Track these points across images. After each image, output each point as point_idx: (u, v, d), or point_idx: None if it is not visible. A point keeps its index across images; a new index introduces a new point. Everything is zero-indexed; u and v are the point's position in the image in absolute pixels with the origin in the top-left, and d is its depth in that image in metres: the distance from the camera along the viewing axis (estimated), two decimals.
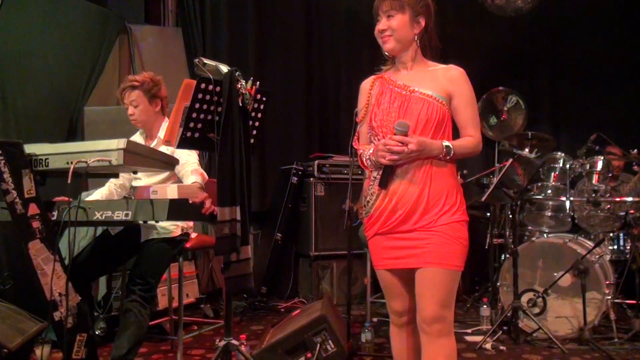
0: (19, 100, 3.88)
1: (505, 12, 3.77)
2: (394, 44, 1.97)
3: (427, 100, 1.93)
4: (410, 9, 1.95)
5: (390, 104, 1.97)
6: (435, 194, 1.91)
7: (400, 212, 1.92)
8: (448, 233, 1.89)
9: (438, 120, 1.92)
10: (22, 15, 3.89)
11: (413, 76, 2.00)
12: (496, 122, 4.88)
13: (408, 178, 1.92)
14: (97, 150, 2.14)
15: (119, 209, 2.24)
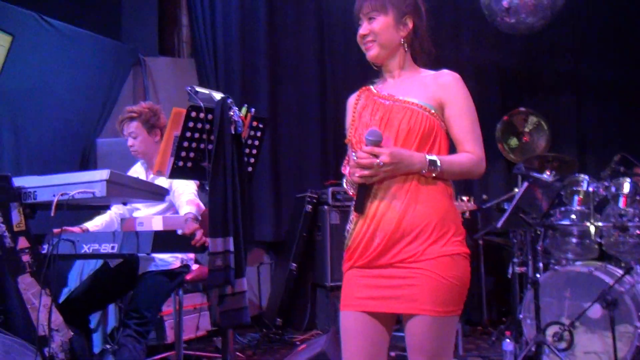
0: (31, 134, 3.95)
1: (518, 31, 3.65)
2: (378, 50, 1.70)
3: (410, 109, 1.64)
4: (394, 9, 1.69)
5: (371, 117, 1.69)
6: (421, 218, 1.58)
7: (379, 240, 1.59)
8: (436, 271, 1.55)
9: (423, 131, 1.62)
10: (35, 51, 3.97)
11: (400, 85, 1.73)
12: (517, 144, 4.72)
13: (387, 199, 1.60)
14: (81, 182, 2.11)
15: (105, 242, 2.20)
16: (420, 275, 1.57)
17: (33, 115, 3.95)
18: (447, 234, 1.60)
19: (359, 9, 1.72)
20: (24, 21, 3.93)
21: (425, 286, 1.56)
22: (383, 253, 1.60)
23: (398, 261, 1.59)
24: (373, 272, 1.62)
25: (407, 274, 1.58)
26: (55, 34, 4.14)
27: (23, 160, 3.87)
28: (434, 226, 1.59)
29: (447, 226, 1.61)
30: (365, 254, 1.63)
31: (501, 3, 3.47)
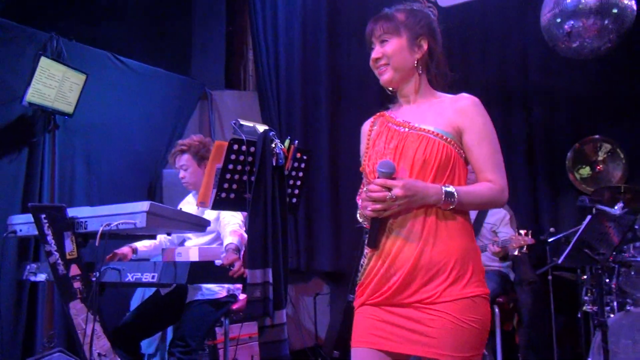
0: (102, 165, 4.19)
1: (582, 56, 3.46)
2: (392, 73, 1.63)
3: (425, 137, 1.56)
4: (407, 31, 1.62)
5: (385, 145, 1.61)
6: (439, 257, 1.50)
7: (395, 278, 1.52)
8: (456, 314, 1.47)
9: (440, 160, 1.54)
10: (107, 88, 4.24)
11: (416, 110, 1.65)
12: (589, 173, 4.43)
13: (404, 235, 1.52)
14: (124, 213, 2.20)
15: (147, 271, 2.27)
16: (438, 318, 1.49)
17: (104, 148, 4.20)
18: (467, 273, 1.52)
19: (371, 32, 1.66)
20: (98, 60, 4.22)
21: (444, 330, 1.48)
22: (399, 292, 1.53)
23: (415, 301, 1.52)
24: (388, 310, 1.55)
25: (424, 317, 1.50)
26: (127, 72, 4.41)
27: (94, 190, 4.11)
28: (453, 265, 1.51)
29: (467, 265, 1.53)
30: (380, 292, 1.56)
31: (563, 28, 3.31)
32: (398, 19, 1.65)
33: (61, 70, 3.70)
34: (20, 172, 3.68)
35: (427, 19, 1.67)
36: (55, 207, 2.41)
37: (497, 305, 3.59)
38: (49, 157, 3.84)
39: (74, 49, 4.02)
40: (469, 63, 4.95)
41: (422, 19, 1.66)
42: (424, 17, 1.67)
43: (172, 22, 5.21)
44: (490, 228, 3.70)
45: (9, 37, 3.68)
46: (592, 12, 3.20)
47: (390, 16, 1.66)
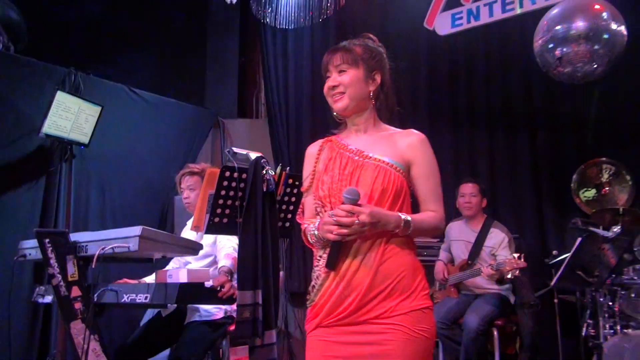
0: (116, 192, 4.38)
1: (576, 80, 3.50)
2: (347, 102, 1.72)
3: (382, 168, 1.66)
4: (364, 64, 1.73)
5: (340, 171, 1.69)
6: (392, 276, 1.60)
7: (350, 299, 1.59)
8: (408, 325, 1.57)
9: (395, 190, 1.64)
10: (122, 118, 4.45)
11: (367, 140, 1.75)
12: (594, 196, 4.41)
13: (359, 258, 1.61)
14: (120, 237, 2.33)
15: (141, 292, 2.39)
16: (393, 330, 1.58)
17: (118, 176, 4.40)
18: (417, 287, 1.63)
19: (329, 60, 1.76)
20: (114, 93, 4.44)
21: (398, 342, 1.57)
22: (355, 311, 1.61)
23: (371, 318, 1.60)
24: (346, 330, 1.62)
25: (379, 330, 1.59)
26: (141, 103, 4.62)
27: (107, 216, 4.29)
28: (405, 281, 1.62)
29: (416, 281, 1.64)
30: (335, 313, 1.63)
31: (554, 54, 3.37)
32: (356, 52, 1.76)
33: (77, 103, 3.92)
34: (38, 199, 3.89)
35: (380, 56, 1.80)
36: (58, 233, 2.57)
37: (496, 327, 3.60)
38: (65, 184, 4.04)
39: (91, 83, 4.25)
40: (473, 89, 5.02)
41: (376, 55, 1.79)
42: (378, 53, 1.80)
43: (187, 54, 5.44)
44: (490, 251, 3.73)
45: (30, 72, 3.93)
46: (582, 38, 3.25)
47: (349, 48, 1.77)
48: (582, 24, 3.25)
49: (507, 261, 3.36)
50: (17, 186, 3.80)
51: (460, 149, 5.01)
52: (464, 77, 5.04)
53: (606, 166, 4.35)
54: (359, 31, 5.32)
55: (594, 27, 3.26)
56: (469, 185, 3.92)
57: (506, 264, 3.35)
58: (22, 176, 3.84)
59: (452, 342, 3.64)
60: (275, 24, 5.00)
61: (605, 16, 3.27)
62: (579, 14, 3.29)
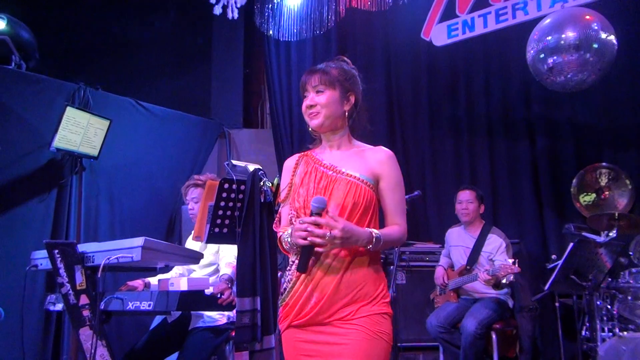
0: (125, 202, 4.52)
1: (570, 89, 3.57)
2: (323, 120, 1.85)
3: (353, 183, 1.79)
4: (340, 85, 1.86)
5: (315, 185, 1.82)
6: (357, 282, 1.74)
7: (315, 300, 1.74)
8: (369, 327, 1.70)
9: (365, 204, 1.77)
10: (130, 132, 4.60)
11: (340, 156, 1.88)
12: (593, 200, 4.46)
13: (326, 263, 1.75)
14: (123, 248, 2.45)
15: (144, 300, 2.50)
16: (355, 331, 1.71)
17: (126, 186, 4.54)
18: (379, 296, 1.77)
19: (307, 81, 1.88)
20: (122, 106, 4.59)
21: (359, 341, 1.70)
22: (320, 313, 1.75)
23: (335, 319, 1.74)
24: (311, 330, 1.76)
25: (342, 331, 1.72)
26: (148, 116, 4.77)
27: (117, 225, 4.43)
28: (367, 288, 1.75)
29: (379, 288, 1.78)
30: (302, 313, 1.78)
31: (547, 63, 3.45)
32: (333, 74, 1.89)
33: (86, 118, 4.07)
34: (49, 211, 4.04)
35: (354, 78, 1.94)
36: (66, 244, 2.69)
37: (495, 331, 3.67)
38: (76, 196, 4.19)
39: (100, 97, 4.40)
40: (473, 97, 5.11)
41: (351, 77, 1.93)
42: (352, 76, 1.93)
43: (192, 67, 5.58)
44: (487, 257, 3.80)
45: (40, 89, 4.09)
46: (572, 47, 3.33)
47: (326, 71, 1.90)
48: (572, 34, 3.33)
49: (502, 266, 3.44)
50: (29, 198, 3.95)
51: (461, 155, 5.09)
52: (464, 86, 5.13)
53: (605, 171, 4.40)
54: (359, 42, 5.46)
55: (584, 37, 3.34)
56: (466, 192, 4.00)
57: (501, 269, 3.43)
58: (34, 189, 3.99)
59: (452, 346, 3.71)
60: (278, 36, 5.14)
61: (595, 26, 3.35)
62: (569, 24, 3.37)
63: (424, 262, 4.56)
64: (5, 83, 3.93)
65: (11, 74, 3.99)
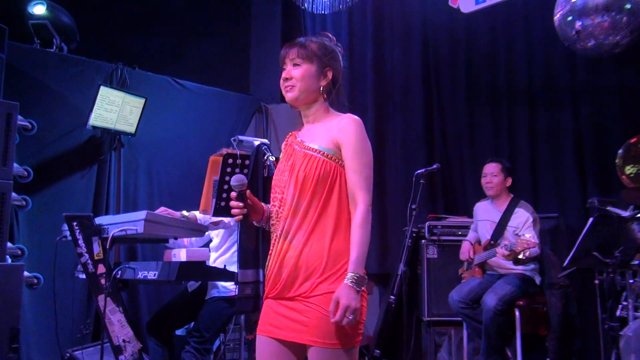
0: (162, 175, 4.72)
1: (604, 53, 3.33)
2: (297, 93, 1.82)
3: (309, 155, 1.78)
4: (318, 60, 1.83)
5: (286, 162, 1.85)
6: (314, 258, 1.72)
7: (284, 275, 1.76)
8: (324, 306, 1.68)
9: (318, 176, 1.75)
10: (167, 109, 4.76)
11: (312, 130, 1.87)
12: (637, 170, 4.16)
13: (288, 239, 1.77)
14: (130, 221, 2.58)
15: (151, 270, 2.63)
16: (313, 310, 1.70)
17: (164, 161, 4.73)
18: (338, 271, 1.71)
19: (286, 54, 1.87)
20: (159, 84, 4.75)
21: (316, 320, 1.69)
22: (287, 287, 1.76)
23: (297, 295, 1.74)
24: (282, 303, 1.78)
25: (303, 308, 1.73)
26: (185, 93, 4.91)
27: (155, 197, 4.64)
28: (325, 265, 1.72)
29: (338, 264, 1.72)
30: (275, 287, 1.80)
31: (574, 27, 3.24)
32: (311, 48, 1.87)
33: (120, 97, 4.25)
34: (90, 186, 4.28)
35: (334, 54, 1.90)
36: (84, 216, 2.87)
37: (518, 308, 3.57)
38: (115, 171, 4.41)
39: (137, 76, 4.58)
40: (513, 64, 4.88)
41: (330, 52, 1.88)
42: (332, 51, 1.90)
43: (231, 42, 5.66)
44: (513, 231, 3.68)
45: (81, 70, 4.30)
46: (601, 8, 3.10)
47: (305, 44, 1.88)
48: None
49: (519, 241, 3.32)
50: (71, 174, 4.21)
51: (499, 127, 4.90)
52: (504, 54, 4.91)
53: None
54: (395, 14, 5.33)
55: None
56: (491, 165, 3.87)
57: (518, 243, 3.32)
58: (76, 165, 4.23)
59: (474, 322, 3.65)
60: (312, 9, 5.11)
61: None
62: None
63: (456, 236, 4.47)
64: (47, 66, 4.17)
65: (53, 57, 4.21)
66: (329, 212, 1.76)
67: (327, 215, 1.75)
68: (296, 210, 1.77)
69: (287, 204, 1.79)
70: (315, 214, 1.75)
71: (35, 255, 3.69)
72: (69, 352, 3.27)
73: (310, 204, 1.76)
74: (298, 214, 1.76)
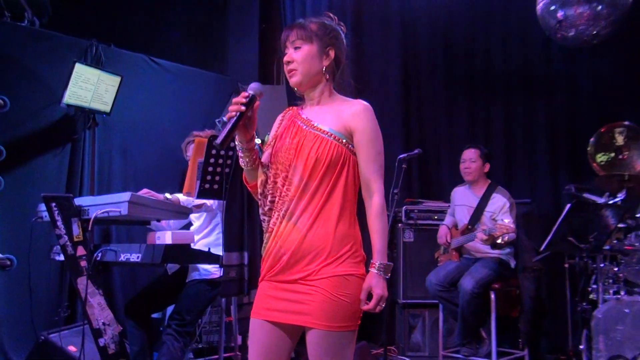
0: (138, 158, 4.62)
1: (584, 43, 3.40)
2: (300, 77, 1.81)
3: (320, 137, 1.76)
4: (318, 40, 1.81)
5: (290, 139, 1.81)
6: (319, 241, 1.71)
7: (285, 257, 1.74)
8: (329, 289, 1.68)
9: (330, 159, 1.73)
10: (143, 88, 4.65)
11: (318, 111, 1.84)
12: (610, 158, 4.29)
13: (293, 220, 1.74)
14: (113, 203, 2.52)
15: (134, 252, 2.59)
16: (315, 292, 1.70)
17: (140, 143, 4.63)
18: (343, 256, 1.72)
19: (286, 37, 1.84)
20: (135, 63, 4.63)
21: (319, 303, 1.69)
22: (287, 269, 1.75)
23: (299, 278, 1.74)
24: (280, 286, 1.77)
25: (305, 290, 1.72)
26: (161, 72, 4.80)
27: (130, 181, 4.54)
28: (330, 248, 1.72)
29: (342, 248, 1.73)
30: (273, 268, 1.78)
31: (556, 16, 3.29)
32: (311, 28, 1.84)
33: (95, 74, 4.12)
34: (63, 166, 4.16)
35: (335, 32, 1.87)
36: (63, 197, 2.79)
37: (493, 291, 3.65)
38: (89, 151, 4.29)
39: (112, 54, 4.44)
40: (490, 51, 4.94)
41: (331, 32, 1.86)
42: (333, 30, 1.87)
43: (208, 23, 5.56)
44: (490, 216, 3.76)
45: (53, 45, 4.15)
46: None
47: (304, 25, 1.85)
48: None
49: (498, 226, 3.40)
50: (44, 153, 4.08)
51: (476, 114, 4.97)
52: (481, 39, 4.96)
53: (622, 129, 4.22)
54: None
55: None
56: (470, 151, 3.93)
57: (497, 228, 3.39)
58: (49, 144, 4.10)
59: (450, 304, 3.73)
60: None
61: None
62: None
63: (432, 220, 4.53)
64: (18, 40, 4.00)
65: (24, 31, 4.05)
66: (336, 197, 1.75)
67: (333, 200, 1.75)
68: (303, 192, 1.75)
69: (293, 184, 1.76)
70: (323, 197, 1.74)
71: (8, 236, 3.59)
72: (44, 334, 3.20)
73: (318, 187, 1.75)
74: (305, 196, 1.74)
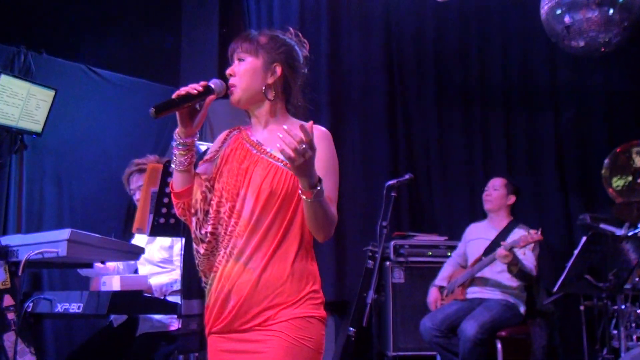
0: (74, 187, 4.56)
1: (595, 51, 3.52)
2: (240, 94, 1.87)
3: (274, 166, 1.79)
4: (265, 54, 1.86)
5: (238, 165, 1.84)
6: (276, 283, 1.74)
7: (233, 303, 1.75)
8: (289, 333, 1.71)
9: (286, 191, 1.76)
10: (81, 104, 4.62)
11: (268, 134, 1.88)
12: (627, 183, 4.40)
13: (243, 261, 1.75)
14: (48, 242, 2.47)
15: (74, 301, 2.53)
16: (273, 337, 1.72)
17: (77, 167, 4.58)
18: (304, 298, 1.76)
19: (233, 50, 1.90)
20: (71, 74, 4.61)
21: (278, 349, 1.71)
22: (239, 317, 1.76)
23: (254, 325, 1.75)
24: (232, 337, 1.78)
25: (262, 338, 1.74)
26: (103, 85, 4.79)
27: (66, 213, 4.48)
28: (289, 290, 1.75)
29: (304, 290, 1.77)
30: (221, 317, 1.79)
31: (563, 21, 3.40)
32: (259, 41, 1.89)
33: (25, 87, 4.08)
34: None
35: (287, 48, 1.92)
36: None
37: (499, 339, 3.68)
38: (16, 179, 4.22)
39: (44, 63, 4.42)
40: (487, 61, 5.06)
41: (282, 46, 1.90)
42: (284, 45, 1.91)
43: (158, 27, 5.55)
44: None
45: None
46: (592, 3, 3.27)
47: (252, 37, 1.91)
48: None
49: (521, 237, 3.50)
50: None
51: (471, 130, 5.06)
52: (477, 48, 5.08)
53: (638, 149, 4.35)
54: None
55: None
56: (496, 180, 4.13)
57: (520, 240, 3.48)
58: None
59: (449, 353, 3.73)
60: None
61: None
62: None
63: (425, 257, 4.57)
64: None
65: None
66: (293, 234, 1.78)
67: (290, 237, 1.78)
68: (255, 229, 1.77)
69: (242, 218, 1.78)
70: (278, 235, 1.77)
71: None
72: None
73: (272, 223, 1.77)
74: (257, 233, 1.76)
